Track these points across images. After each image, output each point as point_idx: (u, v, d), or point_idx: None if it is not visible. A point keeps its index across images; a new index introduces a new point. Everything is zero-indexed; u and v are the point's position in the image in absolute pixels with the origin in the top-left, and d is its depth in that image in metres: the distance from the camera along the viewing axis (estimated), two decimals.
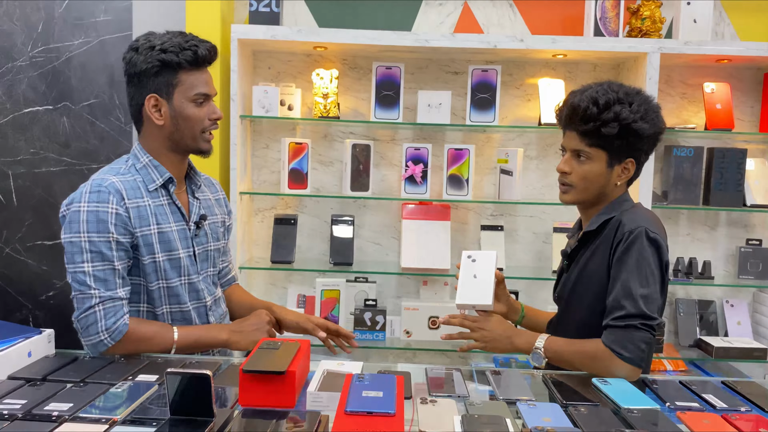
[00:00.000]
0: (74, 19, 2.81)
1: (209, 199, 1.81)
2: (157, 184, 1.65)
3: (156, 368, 1.49)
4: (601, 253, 1.65)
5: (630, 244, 1.57)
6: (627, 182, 1.69)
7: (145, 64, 1.59)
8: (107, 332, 1.55)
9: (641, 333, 1.53)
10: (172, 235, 1.66)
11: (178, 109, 1.62)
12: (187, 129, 1.64)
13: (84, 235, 1.55)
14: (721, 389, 1.49)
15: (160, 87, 1.61)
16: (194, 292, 1.72)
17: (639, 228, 1.57)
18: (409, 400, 1.36)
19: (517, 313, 1.94)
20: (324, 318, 2.69)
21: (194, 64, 1.61)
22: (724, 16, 2.80)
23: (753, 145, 2.81)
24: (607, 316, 1.59)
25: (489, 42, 2.50)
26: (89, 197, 1.56)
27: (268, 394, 1.27)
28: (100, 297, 1.55)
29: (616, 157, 1.63)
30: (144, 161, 1.66)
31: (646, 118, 1.60)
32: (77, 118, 2.87)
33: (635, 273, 1.55)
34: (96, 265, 1.55)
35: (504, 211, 2.87)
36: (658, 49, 2.50)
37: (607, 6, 2.56)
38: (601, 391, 1.43)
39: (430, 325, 2.74)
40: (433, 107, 2.63)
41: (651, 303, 1.55)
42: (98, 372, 1.45)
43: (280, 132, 2.83)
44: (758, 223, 2.86)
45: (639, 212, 1.65)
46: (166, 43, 1.59)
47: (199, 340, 1.68)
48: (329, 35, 2.52)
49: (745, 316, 2.84)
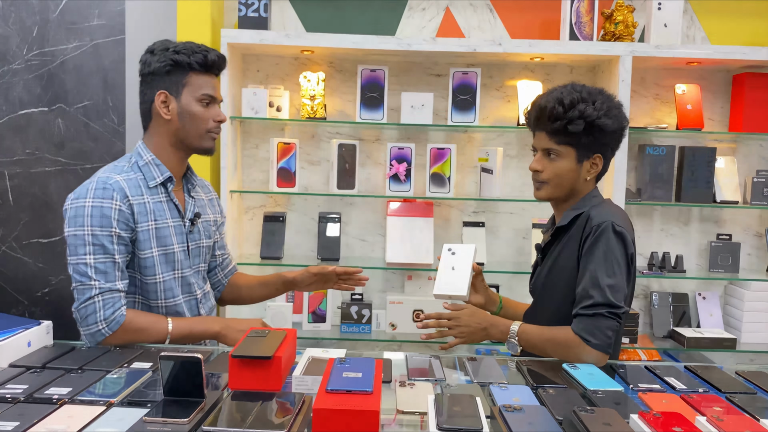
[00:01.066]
0: (68, 23, 2.89)
1: (203, 199, 1.91)
2: (157, 182, 1.74)
3: (150, 356, 1.56)
4: (571, 246, 1.74)
5: (597, 237, 1.66)
6: (596, 177, 1.79)
7: (158, 63, 1.70)
8: (105, 322, 1.63)
9: (608, 321, 1.62)
10: (168, 230, 1.75)
11: (186, 106, 1.73)
12: (192, 127, 1.74)
13: (88, 228, 1.63)
14: (684, 373, 1.57)
15: (170, 85, 1.72)
16: (186, 286, 1.82)
17: (605, 222, 1.66)
18: (389, 384, 1.44)
19: (495, 304, 2.02)
20: (312, 312, 2.80)
21: (204, 67, 1.73)
22: (695, 20, 2.91)
23: (723, 144, 2.93)
24: (576, 305, 1.67)
25: (469, 46, 2.60)
26: (94, 193, 1.64)
27: (255, 378, 1.34)
28: (100, 288, 1.63)
29: (584, 153, 1.72)
30: (147, 159, 1.75)
31: (609, 114, 1.69)
32: (72, 120, 2.94)
33: (602, 264, 1.64)
34: (98, 258, 1.63)
35: (485, 208, 2.97)
36: (630, 53, 2.60)
37: (582, 11, 2.66)
38: (570, 375, 1.50)
39: (415, 318, 2.83)
40: (416, 108, 2.72)
41: (617, 292, 1.63)
42: (95, 360, 1.52)
43: (269, 132, 2.92)
44: (728, 219, 2.98)
45: (606, 207, 1.74)
46: (179, 46, 1.72)
47: (192, 331, 1.76)
48: (316, 39, 2.61)
49: (716, 307, 2.95)
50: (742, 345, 2.81)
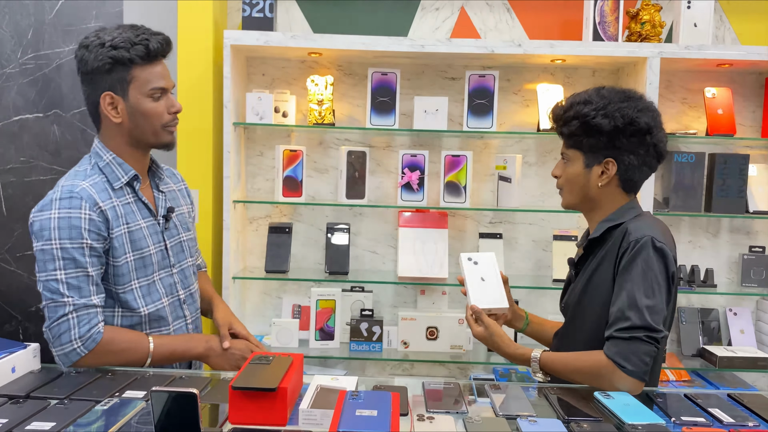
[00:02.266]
0: (64, 26, 2.78)
1: (174, 190, 1.80)
2: (122, 182, 1.63)
3: (144, 384, 1.46)
4: (608, 262, 1.62)
5: (636, 254, 1.53)
6: (625, 188, 1.65)
7: (97, 61, 1.55)
8: (80, 340, 1.52)
9: (645, 346, 1.49)
10: (142, 233, 1.64)
11: (135, 105, 1.60)
12: (147, 125, 1.62)
13: (56, 242, 1.52)
14: (727, 402, 1.46)
15: (114, 84, 1.58)
16: (168, 287, 1.71)
17: (645, 237, 1.54)
18: (406, 417, 1.32)
19: (521, 320, 1.93)
20: (319, 329, 2.66)
21: (147, 58, 1.58)
22: (725, 20, 2.77)
23: (755, 150, 2.78)
24: (610, 327, 1.54)
25: (486, 47, 2.47)
26: (60, 204, 1.54)
27: (258, 412, 1.24)
28: (74, 305, 1.52)
29: (592, 156, 1.63)
30: (107, 159, 1.63)
31: (607, 114, 1.58)
32: (68, 126, 2.83)
33: (641, 283, 1.51)
34: (69, 273, 1.52)
35: (503, 219, 2.82)
36: (658, 54, 2.46)
37: (606, 10, 2.52)
38: (604, 406, 1.39)
39: (428, 336, 2.69)
40: (430, 113, 2.59)
41: (656, 314, 1.50)
42: (84, 388, 1.42)
43: (275, 139, 2.79)
44: (761, 230, 2.82)
45: (646, 220, 1.62)
46: (117, 39, 1.56)
47: (175, 351, 1.66)
48: (324, 41, 2.48)
49: (748, 324, 2.80)
50: None
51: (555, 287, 2.68)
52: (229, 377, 1.51)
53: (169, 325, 1.70)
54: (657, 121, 1.63)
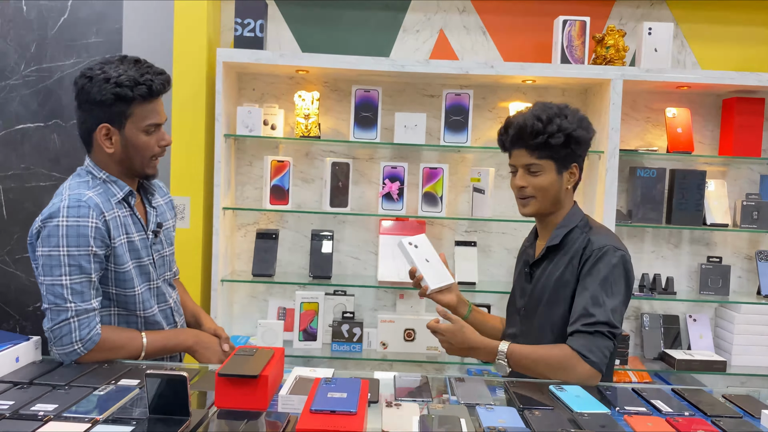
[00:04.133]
0: (66, 41, 2.91)
1: (162, 205, 1.88)
2: (118, 198, 1.71)
3: (137, 373, 1.56)
4: (570, 269, 1.77)
5: (598, 260, 1.72)
6: (574, 188, 1.86)
7: (99, 95, 1.62)
8: (81, 342, 1.62)
9: (606, 340, 1.67)
10: (138, 244, 1.74)
11: (130, 138, 1.67)
12: (137, 156, 1.70)
13: (63, 249, 1.59)
14: (670, 395, 1.57)
15: (113, 117, 1.65)
16: (161, 296, 1.83)
17: (607, 246, 1.73)
18: (377, 404, 1.43)
19: (464, 307, 2.02)
20: (302, 330, 2.79)
21: (149, 97, 1.66)
22: (686, 45, 2.95)
23: (712, 167, 2.95)
24: (574, 323, 1.70)
25: (462, 68, 2.63)
26: (69, 212, 1.60)
27: (241, 397, 1.34)
28: (75, 310, 1.61)
29: (562, 164, 1.79)
30: (101, 177, 1.71)
31: (583, 126, 1.78)
32: (67, 135, 2.96)
33: (603, 285, 1.70)
34: (74, 278, 1.61)
35: (477, 228, 2.98)
36: (621, 76, 2.63)
37: (573, 35, 2.70)
38: (557, 397, 1.51)
39: (406, 337, 2.83)
40: (410, 128, 2.74)
41: (616, 313, 1.69)
42: (82, 376, 1.52)
43: (263, 150, 2.93)
44: (719, 242, 2.99)
45: (603, 232, 1.81)
46: (122, 77, 1.62)
47: (166, 345, 1.77)
48: (311, 59, 2.63)
49: (707, 330, 2.95)
50: (732, 368, 2.81)
51: None
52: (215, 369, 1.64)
53: (162, 330, 1.82)
54: None
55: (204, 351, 1.83)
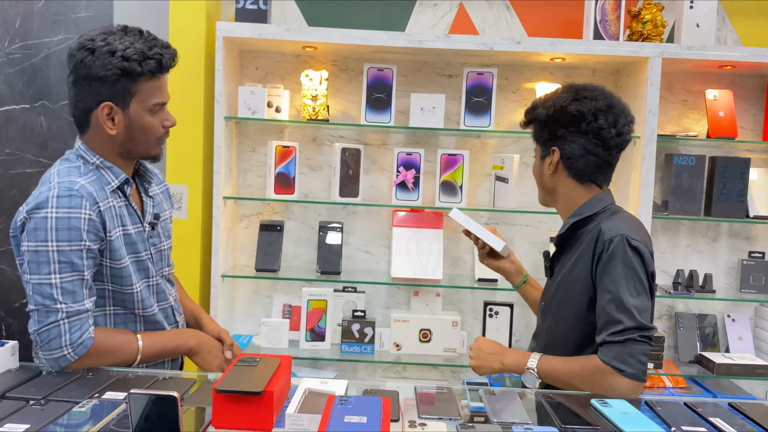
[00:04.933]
0: (53, 15, 2.71)
1: (159, 194, 1.74)
2: (113, 186, 1.55)
3: (124, 385, 1.40)
4: (583, 263, 1.60)
5: (612, 254, 1.53)
6: (576, 177, 1.65)
7: (103, 70, 1.46)
8: (71, 347, 1.46)
9: (641, 345, 1.50)
10: (135, 237, 1.59)
11: (134, 118, 1.53)
12: (141, 139, 1.56)
13: (52, 243, 1.44)
14: (728, 411, 1.42)
15: (117, 95, 1.50)
16: (161, 293, 1.67)
17: (618, 236, 1.54)
18: (397, 422, 1.27)
19: (519, 275, 2.00)
20: (310, 330, 2.60)
21: (158, 72, 1.52)
22: (727, 21, 2.72)
23: (756, 154, 2.73)
24: (602, 332, 1.53)
25: (485, 44, 2.41)
26: (59, 202, 1.44)
27: (243, 416, 1.19)
28: (66, 312, 1.45)
29: (544, 148, 1.70)
30: (95, 162, 1.55)
31: (545, 104, 1.66)
32: (55, 118, 2.76)
33: (624, 284, 1.51)
34: (65, 277, 1.45)
35: (499, 220, 2.77)
36: (660, 54, 2.41)
37: (608, 8, 2.47)
38: (602, 414, 1.35)
39: (421, 338, 2.63)
40: (426, 111, 2.53)
41: (644, 312, 1.52)
42: (62, 389, 1.36)
43: (267, 135, 2.73)
44: (761, 235, 2.78)
45: (618, 218, 1.61)
46: (129, 50, 1.47)
47: (165, 348, 1.62)
48: (319, 34, 2.42)
49: (746, 331, 2.75)
50: None
51: None
52: (215, 379, 1.46)
53: (164, 329, 1.66)
54: (597, 110, 1.61)
55: (206, 355, 1.67)
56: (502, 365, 1.69)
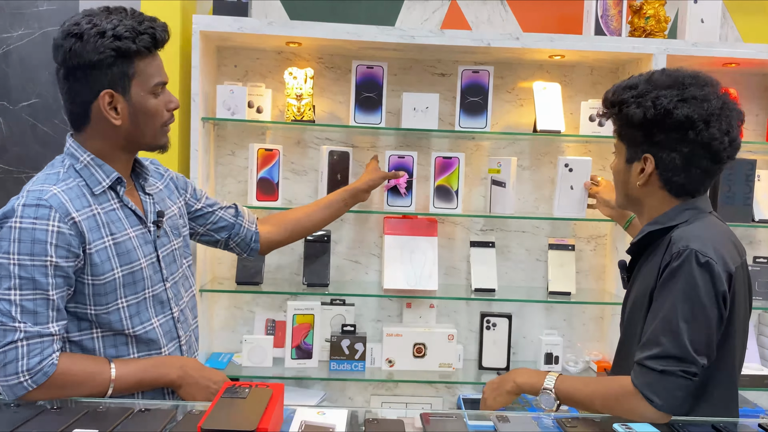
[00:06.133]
0: (13, 9, 2.50)
1: (161, 190, 1.59)
2: (103, 186, 1.40)
3: (97, 418, 1.22)
4: (650, 273, 1.42)
5: (677, 268, 1.33)
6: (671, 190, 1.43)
7: (96, 54, 1.34)
8: (29, 373, 1.29)
9: (680, 380, 1.31)
10: (131, 243, 1.42)
11: (138, 103, 1.41)
12: (148, 125, 1.43)
13: (13, 257, 1.29)
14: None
15: (115, 80, 1.37)
16: (159, 305, 1.49)
17: (688, 249, 1.33)
18: None
19: (625, 218, 1.97)
20: (295, 347, 2.42)
21: (154, 48, 1.41)
22: (728, 18, 2.63)
23: (761, 156, 2.64)
24: (641, 350, 1.36)
25: (482, 40, 2.27)
26: (24, 211, 1.31)
27: None
28: (25, 332, 1.29)
29: (632, 151, 1.47)
30: (84, 160, 1.41)
31: (641, 104, 1.40)
32: (15, 120, 2.54)
33: (681, 304, 1.32)
34: (25, 294, 1.29)
35: (494, 226, 2.62)
36: (665, 50, 2.29)
37: (609, 3, 2.35)
38: None
39: (416, 353, 2.47)
40: (419, 111, 2.38)
41: (698, 342, 1.31)
42: (25, 424, 1.18)
43: (248, 137, 2.55)
44: (765, 239, 2.68)
45: (697, 226, 1.40)
46: (119, 28, 1.34)
47: (142, 379, 1.43)
48: (304, 29, 2.25)
49: (751, 339, 2.65)
50: None
51: (550, 300, 2.50)
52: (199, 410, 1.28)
53: (161, 348, 1.48)
54: (710, 114, 1.37)
55: (189, 387, 1.47)
56: (516, 384, 1.55)
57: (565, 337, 2.62)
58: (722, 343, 1.37)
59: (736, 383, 1.46)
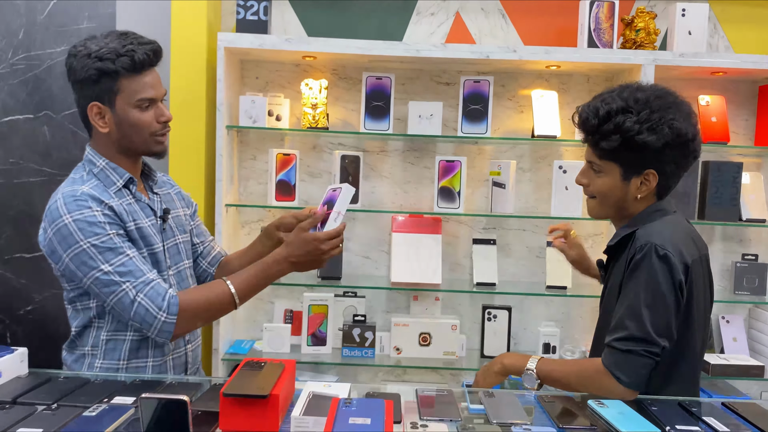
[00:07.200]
0: (57, 26, 2.74)
1: (169, 193, 1.80)
2: (118, 186, 1.61)
3: (133, 390, 1.42)
4: (619, 268, 1.60)
5: (639, 261, 1.50)
6: (660, 194, 1.58)
7: (83, 72, 1.53)
8: (162, 312, 1.52)
9: (643, 359, 1.48)
10: (148, 230, 1.64)
11: (122, 115, 1.57)
12: (134, 134, 1.60)
13: (84, 242, 1.50)
14: (722, 411, 1.44)
15: (102, 95, 1.56)
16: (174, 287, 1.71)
17: (648, 244, 1.49)
18: (399, 424, 1.30)
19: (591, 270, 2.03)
20: (311, 335, 2.63)
21: (133, 70, 1.55)
22: (719, 28, 2.77)
23: (748, 158, 2.77)
24: (610, 334, 1.53)
25: (481, 52, 2.45)
26: (68, 208, 1.51)
27: (250, 419, 1.21)
28: (134, 287, 1.51)
29: (631, 169, 1.53)
30: (100, 165, 1.62)
31: (655, 129, 1.47)
32: (58, 128, 2.79)
33: (642, 293, 1.49)
34: (112, 261, 1.51)
35: (496, 225, 2.81)
36: (653, 61, 2.45)
37: (601, 17, 2.52)
38: (598, 414, 1.38)
39: (421, 342, 2.66)
40: (424, 118, 2.57)
41: (658, 325, 1.47)
42: (72, 394, 1.38)
43: (268, 143, 2.77)
44: (754, 238, 2.82)
45: (657, 224, 1.55)
46: (103, 50, 1.52)
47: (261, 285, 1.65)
48: (319, 44, 2.46)
49: (741, 332, 2.79)
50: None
51: (549, 294, 2.67)
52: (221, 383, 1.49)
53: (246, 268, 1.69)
54: (696, 123, 1.56)
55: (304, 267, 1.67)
56: (503, 365, 1.69)
57: (563, 328, 2.79)
58: (684, 329, 1.54)
59: (698, 367, 1.63)
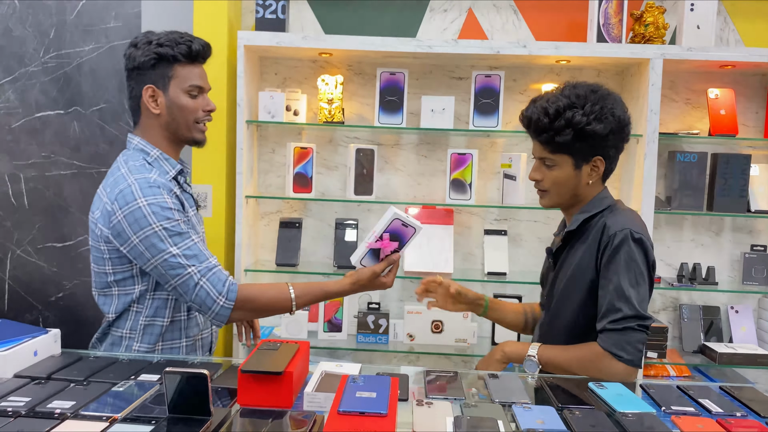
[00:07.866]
0: (85, 26, 2.86)
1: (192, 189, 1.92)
2: (171, 175, 1.73)
3: (158, 368, 1.52)
4: (588, 255, 1.68)
5: (617, 247, 1.61)
6: (604, 179, 1.73)
7: (143, 57, 1.68)
8: (221, 296, 1.64)
9: (638, 334, 1.59)
10: (194, 219, 1.78)
11: (174, 99, 1.72)
12: (181, 118, 1.73)
13: (156, 224, 1.59)
14: (719, 394, 1.50)
15: (157, 79, 1.70)
16: None
17: (624, 230, 1.61)
18: (406, 402, 1.38)
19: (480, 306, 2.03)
20: (327, 321, 2.73)
21: (189, 57, 1.72)
22: (729, 22, 2.79)
23: (757, 150, 2.80)
24: (602, 320, 1.61)
25: (492, 48, 2.52)
26: (144, 192, 1.61)
27: (266, 394, 1.30)
28: (199, 271, 1.62)
29: (581, 158, 1.66)
30: (154, 154, 1.74)
31: (601, 118, 1.61)
32: (87, 123, 2.91)
33: (626, 275, 1.59)
34: (180, 245, 1.62)
35: (507, 216, 2.87)
36: (661, 55, 2.50)
37: (610, 12, 2.56)
38: (597, 395, 1.44)
39: (433, 329, 2.75)
40: (437, 112, 2.64)
41: (643, 302, 1.61)
42: (101, 371, 1.48)
43: (286, 137, 2.86)
44: (763, 229, 2.85)
45: (622, 213, 1.69)
46: (162, 38, 1.70)
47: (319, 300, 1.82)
48: (334, 42, 2.55)
49: (749, 322, 2.82)
50: None
51: None
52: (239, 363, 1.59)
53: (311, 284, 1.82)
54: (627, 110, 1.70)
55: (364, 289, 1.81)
56: (504, 353, 1.77)
57: None
58: None
59: None
